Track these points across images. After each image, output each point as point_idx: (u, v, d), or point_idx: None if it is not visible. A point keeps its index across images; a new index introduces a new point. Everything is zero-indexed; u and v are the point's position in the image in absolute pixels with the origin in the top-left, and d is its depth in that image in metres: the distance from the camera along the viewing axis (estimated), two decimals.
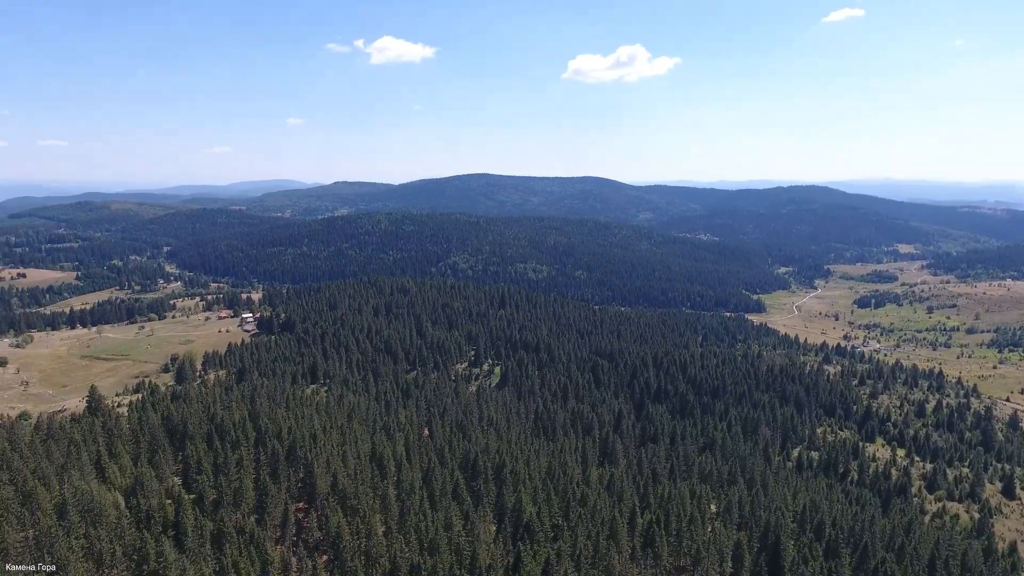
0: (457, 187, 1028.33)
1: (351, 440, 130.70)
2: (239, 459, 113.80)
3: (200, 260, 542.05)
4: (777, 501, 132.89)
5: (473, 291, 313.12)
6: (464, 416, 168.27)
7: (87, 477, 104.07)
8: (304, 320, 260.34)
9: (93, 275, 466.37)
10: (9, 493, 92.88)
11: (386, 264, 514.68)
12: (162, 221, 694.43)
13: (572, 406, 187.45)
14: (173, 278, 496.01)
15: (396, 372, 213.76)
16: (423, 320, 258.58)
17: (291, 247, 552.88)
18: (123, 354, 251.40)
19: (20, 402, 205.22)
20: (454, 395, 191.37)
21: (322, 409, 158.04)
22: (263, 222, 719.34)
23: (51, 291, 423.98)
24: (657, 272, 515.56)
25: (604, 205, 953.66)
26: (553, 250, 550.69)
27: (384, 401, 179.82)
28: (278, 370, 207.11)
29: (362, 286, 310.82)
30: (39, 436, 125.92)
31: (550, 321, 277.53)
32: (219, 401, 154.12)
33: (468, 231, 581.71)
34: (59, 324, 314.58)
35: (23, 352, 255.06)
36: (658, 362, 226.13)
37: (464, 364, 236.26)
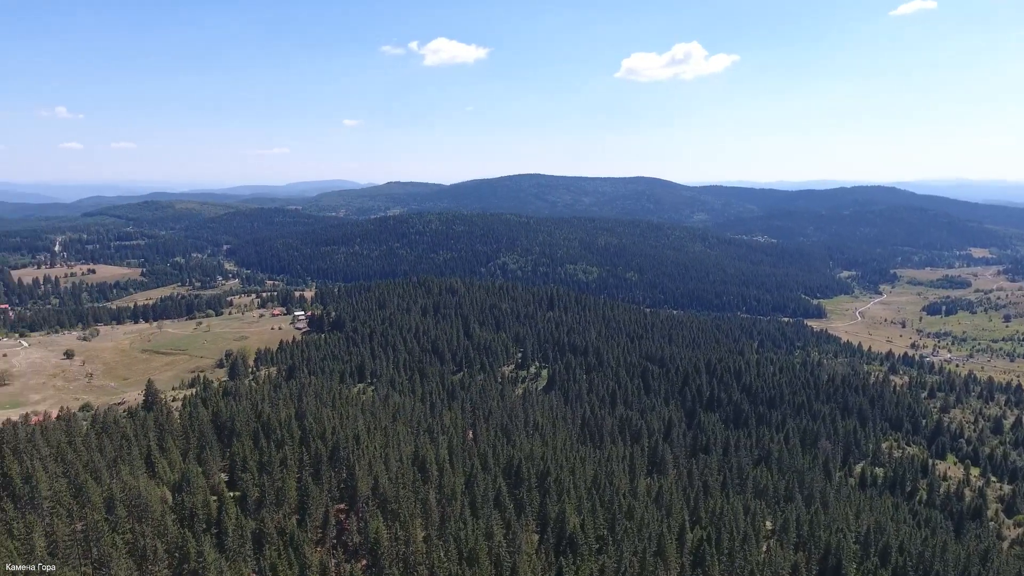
0: (508, 187, 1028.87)
1: (394, 442, 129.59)
2: (283, 458, 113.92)
3: (257, 258, 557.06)
4: (838, 521, 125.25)
5: (521, 292, 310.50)
6: (509, 420, 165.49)
7: (137, 472, 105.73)
8: (353, 319, 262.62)
9: (157, 272, 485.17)
10: (62, 486, 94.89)
11: (436, 264, 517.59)
12: (222, 220, 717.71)
13: (620, 412, 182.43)
14: (231, 275, 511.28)
15: (442, 373, 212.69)
16: (470, 321, 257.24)
17: (344, 246, 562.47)
18: (181, 349, 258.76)
19: (85, 393, 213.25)
20: (500, 398, 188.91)
21: (367, 409, 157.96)
22: (318, 221, 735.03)
23: (118, 286, 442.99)
24: (711, 275, 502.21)
25: (657, 206, 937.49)
26: (604, 251, 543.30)
27: (429, 402, 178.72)
28: (326, 368, 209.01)
29: (411, 286, 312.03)
30: (95, 429, 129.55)
31: (599, 324, 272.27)
32: (267, 399, 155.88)
33: (518, 231, 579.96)
34: (123, 318, 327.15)
35: (89, 345, 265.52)
36: (711, 368, 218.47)
37: (511, 366, 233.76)
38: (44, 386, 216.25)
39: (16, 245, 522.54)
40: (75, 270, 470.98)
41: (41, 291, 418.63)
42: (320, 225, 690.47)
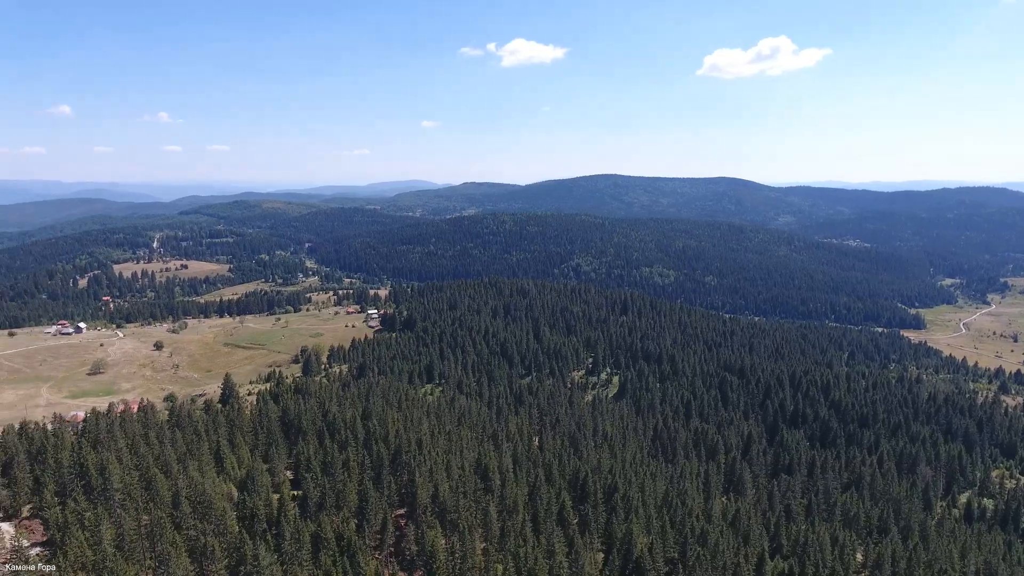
0: (584, 188, 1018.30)
1: (457, 448, 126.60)
2: (345, 460, 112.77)
3: (336, 256, 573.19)
4: (941, 559, 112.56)
5: (594, 295, 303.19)
6: (577, 429, 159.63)
7: (205, 468, 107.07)
8: (424, 319, 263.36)
9: (243, 268, 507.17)
10: (133, 479, 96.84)
11: (509, 264, 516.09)
12: (305, 219, 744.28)
13: (695, 425, 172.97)
14: (311, 272, 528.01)
15: (510, 376, 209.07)
16: (541, 324, 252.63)
17: (419, 245, 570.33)
18: (260, 344, 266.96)
19: (170, 384, 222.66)
20: (568, 405, 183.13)
21: (433, 412, 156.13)
22: (395, 221, 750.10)
23: (207, 281, 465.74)
24: (797, 280, 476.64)
25: (739, 207, 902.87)
26: (682, 254, 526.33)
27: (496, 407, 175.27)
28: (396, 368, 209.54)
29: (482, 286, 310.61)
30: (171, 423, 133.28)
31: (675, 330, 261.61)
32: (335, 398, 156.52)
33: (592, 232, 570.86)
34: (210, 312, 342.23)
35: (177, 337, 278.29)
36: (796, 381, 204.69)
37: (581, 372, 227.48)
38: (134, 375, 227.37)
39: (119, 241, 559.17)
40: (169, 265, 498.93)
41: (139, 284, 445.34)
42: (397, 225, 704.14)
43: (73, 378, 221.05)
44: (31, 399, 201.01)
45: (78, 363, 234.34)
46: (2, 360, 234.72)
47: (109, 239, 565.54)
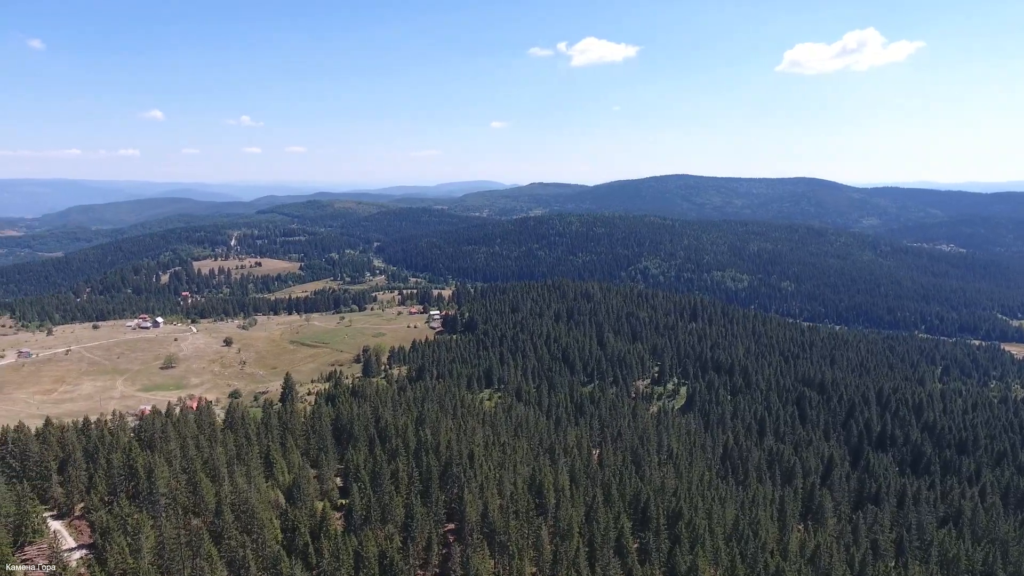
0: (653, 188, 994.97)
1: (511, 462, 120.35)
2: (394, 470, 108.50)
3: (403, 256, 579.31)
4: None
5: (662, 300, 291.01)
6: (640, 444, 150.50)
7: (253, 473, 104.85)
8: (486, 321, 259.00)
9: (313, 266, 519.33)
10: (180, 483, 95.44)
11: (575, 266, 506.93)
12: (375, 219, 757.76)
13: (770, 444, 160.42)
14: (379, 272, 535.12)
15: (571, 384, 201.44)
16: (605, 329, 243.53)
17: (484, 246, 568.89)
18: (323, 342, 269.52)
19: (236, 380, 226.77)
20: (631, 416, 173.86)
21: (488, 421, 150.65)
22: (461, 221, 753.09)
23: (279, 279, 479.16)
24: (883, 287, 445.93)
25: (819, 209, 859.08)
26: (756, 258, 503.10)
27: (555, 417, 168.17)
28: (454, 371, 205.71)
29: (546, 289, 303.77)
30: (227, 422, 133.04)
31: (748, 339, 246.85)
32: (390, 402, 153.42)
33: (661, 234, 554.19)
34: (279, 310, 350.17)
35: (246, 334, 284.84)
36: (883, 399, 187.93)
37: (646, 381, 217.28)
38: (203, 371, 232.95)
39: (200, 239, 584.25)
40: (245, 263, 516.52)
41: (216, 281, 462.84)
42: (463, 225, 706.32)
43: (147, 372, 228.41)
44: (107, 391, 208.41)
45: (152, 357, 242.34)
46: (84, 352, 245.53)
47: (191, 237, 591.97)
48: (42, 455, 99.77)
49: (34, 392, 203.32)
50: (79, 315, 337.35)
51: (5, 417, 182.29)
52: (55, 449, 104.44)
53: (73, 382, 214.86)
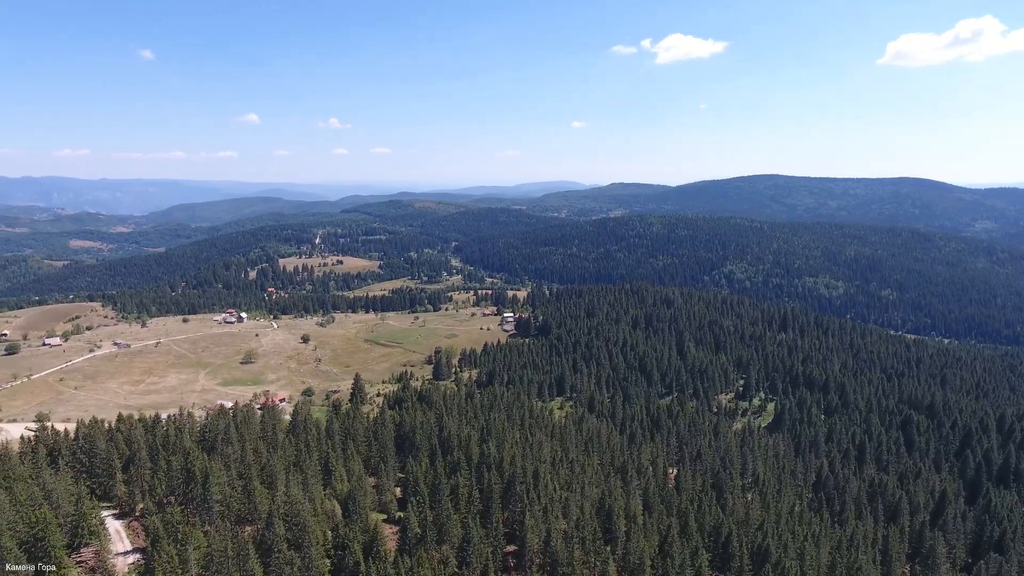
0: (740, 189, 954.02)
1: (579, 482, 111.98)
2: (454, 486, 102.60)
3: (480, 256, 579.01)
4: None
5: (748, 308, 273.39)
6: (722, 466, 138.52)
7: (311, 480, 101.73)
8: (559, 325, 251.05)
9: (392, 265, 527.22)
10: (237, 490, 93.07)
11: (655, 269, 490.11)
12: (453, 218, 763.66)
13: (870, 474, 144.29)
14: (455, 271, 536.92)
15: (648, 395, 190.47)
16: (685, 338, 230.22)
17: (561, 247, 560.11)
18: (397, 342, 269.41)
19: (311, 377, 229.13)
20: (712, 434, 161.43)
21: (557, 433, 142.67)
22: (539, 221, 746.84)
23: (359, 277, 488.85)
24: (1000, 298, 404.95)
25: (925, 211, 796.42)
26: (853, 263, 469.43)
27: (629, 431, 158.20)
28: (525, 377, 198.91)
29: (623, 293, 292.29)
30: (291, 424, 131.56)
31: (845, 352, 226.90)
32: (455, 409, 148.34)
33: (748, 237, 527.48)
34: (357, 308, 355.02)
35: (323, 331, 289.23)
36: (1006, 426, 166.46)
37: (729, 395, 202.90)
38: (280, 367, 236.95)
39: (287, 237, 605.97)
40: (327, 260, 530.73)
41: (299, 278, 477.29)
42: (541, 225, 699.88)
43: (227, 366, 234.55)
44: (189, 384, 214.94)
45: (233, 352, 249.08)
46: (172, 345, 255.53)
47: (279, 235, 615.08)
48: (108, 452, 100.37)
49: (124, 382, 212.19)
50: (173, 308, 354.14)
51: (96, 406, 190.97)
52: (121, 447, 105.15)
53: (160, 374, 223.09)
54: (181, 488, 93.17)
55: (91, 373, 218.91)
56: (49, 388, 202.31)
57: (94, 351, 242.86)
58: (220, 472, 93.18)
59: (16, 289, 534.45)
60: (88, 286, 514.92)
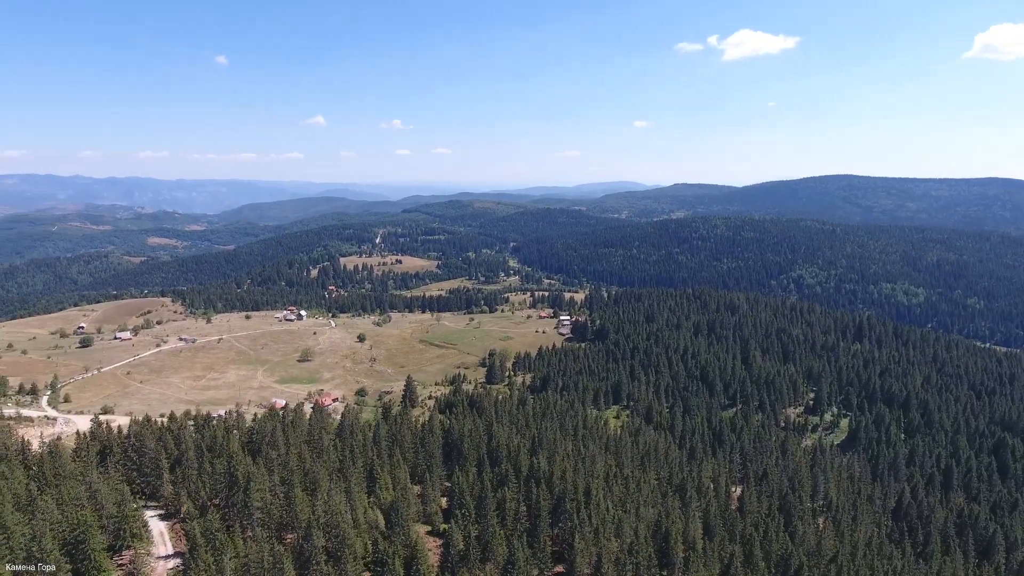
0: (811, 190, 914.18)
1: (633, 502, 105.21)
2: (500, 500, 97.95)
3: (538, 256, 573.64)
4: None
5: (819, 315, 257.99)
6: (790, 488, 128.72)
7: (355, 488, 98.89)
8: (617, 330, 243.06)
9: (450, 265, 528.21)
10: (279, 496, 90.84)
11: (718, 273, 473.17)
12: (512, 219, 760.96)
13: (959, 503, 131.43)
14: (513, 272, 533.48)
15: (710, 407, 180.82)
16: (751, 346, 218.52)
17: (621, 249, 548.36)
18: (451, 343, 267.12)
19: (365, 377, 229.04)
20: (780, 451, 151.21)
21: (612, 446, 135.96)
22: (599, 222, 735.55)
23: (417, 277, 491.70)
24: None
25: (1016, 214, 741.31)
26: (935, 269, 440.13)
27: (689, 446, 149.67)
28: (580, 384, 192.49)
29: (685, 298, 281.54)
30: (338, 428, 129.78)
31: (927, 366, 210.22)
32: (506, 417, 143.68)
33: (819, 240, 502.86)
34: (414, 307, 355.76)
35: (379, 330, 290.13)
36: None
37: (798, 409, 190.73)
38: (336, 366, 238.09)
39: (349, 236, 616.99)
40: (387, 259, 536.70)
41: (359, 276, 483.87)
42: (601, 226, 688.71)
43: (285, 363, 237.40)
44: (247, 380, 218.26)
45: (292, 349, 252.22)
46: (233, 341, 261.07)
47: (341, 234, 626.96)
48: (156, 452, 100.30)
49: (186, 377, 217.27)
50: (238, 304, 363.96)
51: (158, 400, 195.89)
52: (170, 447, 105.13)
53: (220, 370, 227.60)
54: (224, 492, 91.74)
55: (156, 367, 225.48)
56: (117, 381, 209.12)
57: (160, 346, 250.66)
58: (263, 477, 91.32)
59: (97, 284, 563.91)
60: (162, 282, 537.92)
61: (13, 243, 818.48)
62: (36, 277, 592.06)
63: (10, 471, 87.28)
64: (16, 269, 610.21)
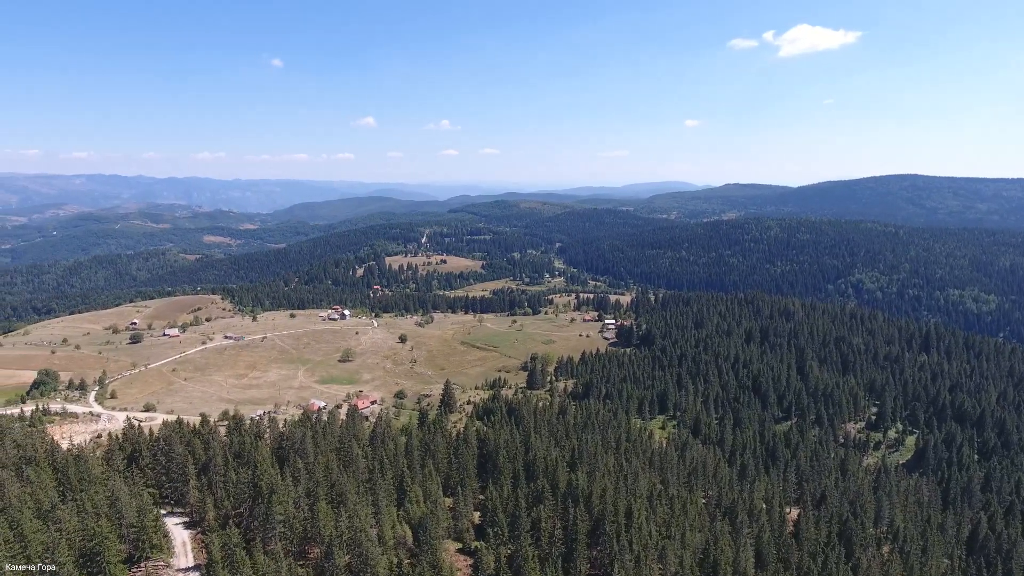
0: (871, 190, 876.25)
1: (679, 526, 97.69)
2: (536, 520, 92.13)
3: (584, 257, 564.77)
4: None
5: (882, 323, 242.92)
6: (851, 513, 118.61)
7: (384, 500, 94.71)
8: (664, 336, 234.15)
9: (494, 265, 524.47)
10: (303, 509, 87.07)
11: (771, 276, 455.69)
12: (558, 219, 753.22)
13: None
14: (558, 273, 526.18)
15: (763, 420, 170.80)
16: (807, 355, 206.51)
17: (669, 250, 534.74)
18: (493, 346, 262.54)
19: (405, 379, 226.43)
20: (839, 472, 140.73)
21: (657, 461, 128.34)
22: (647, 223, 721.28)
23: (461, 277, 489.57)
24: None
25: None
26: (1008, 274, 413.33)
27: (739, 463, 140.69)
28: (624, 392, 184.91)
29: (736, 303, 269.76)
30: (369, 435, 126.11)
31: (1003, 381, 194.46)
32: (545, 427, 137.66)
33: (881, 243, 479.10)
34: (456, 308, 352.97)
35: (421, 331, 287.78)
36: None
37: (859, 424, 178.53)
38: (376, 367, 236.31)
39: (395, 235, 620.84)
40: (432, 259, 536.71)
41: (403, 276, 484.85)
42: (649, 227, 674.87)
43: (326, 363, 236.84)
44: (288, 380, 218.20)
45: (333, 349, 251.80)
46: (277, 340, 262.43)
47: (388, 233, 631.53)
48: (184, 457, 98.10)
49: (229, 375, 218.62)
50: (284, 302, 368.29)
51: (200, 398, 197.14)
52: (198, 452, 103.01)
53: (263, 368, 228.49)
54: (248, 503, 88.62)
55: (201, 365, 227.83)
56: (162, 378, 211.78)
57: (206, 343, 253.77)
58: (288, 489, 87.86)
59: (154, 280, 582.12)
60: (215, 279, 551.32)
61: (79, 240, 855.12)
62: (98, 273, 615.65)
63: (36, 475, 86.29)
64: (80, 265, 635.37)
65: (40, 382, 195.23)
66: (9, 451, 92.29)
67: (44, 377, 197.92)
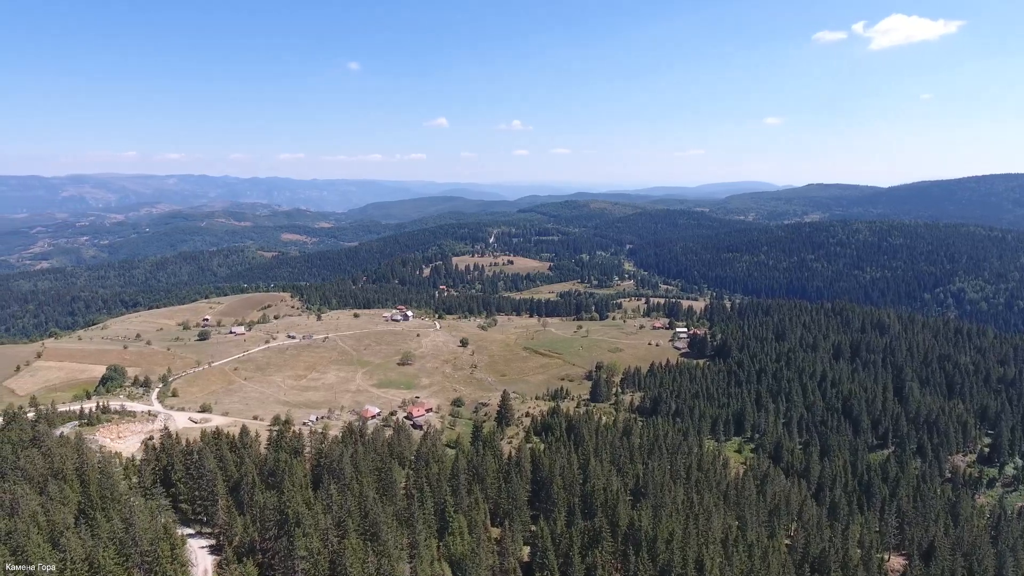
0: (972, 191, 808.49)
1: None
2: (591, 566, 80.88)
3: (655, 260, 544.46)
4: None
5: (992, 340, 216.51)
6: (965, 567, 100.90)
7: (423, 533, 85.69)
8: (741, 348, 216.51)
9: (562, 267, 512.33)
10: (330, 543, 78.65)
11: (860, 283, 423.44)
12: (629, 220, 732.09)
13: None
14: (628, 276, 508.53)
15: (855, 448, 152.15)
16: (905, 375, 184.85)
17: (747, 254, 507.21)
18: (557, 352, 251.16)
19: (463, 385, 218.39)
20: (948, 516, 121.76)
21: (732, 496, 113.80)
22: (723, 225, 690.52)
23: (528, 278, 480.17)
24: None
25: None
26: None
27: (829, 500, 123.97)
28: (697, 409, 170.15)
29: (822, 313, 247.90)
30: (414, 455, 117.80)
31: None
32: (607, 450, 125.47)
33: (985, 248, 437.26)
34: (521, 310, 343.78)
35: (483, 334, 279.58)
36: None
37: (969, 457, 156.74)
38: (435, 371, 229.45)
39: (463, 235, 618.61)
40: (498, 260, 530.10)
41: (469, 277, 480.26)
42: (724, 229, 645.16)
43: (385, 366, 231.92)
44: (346, 382, 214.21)
45: (393, 351, 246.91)
46: (338, 341, 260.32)
47: (456, 233, 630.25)
48: (213, 475, 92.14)
49: (288, 376, 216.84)
50: (351, 301, 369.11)
51: (257, 400, 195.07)
52: (230, 469, 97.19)
53: (322, 370, 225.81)
54: (274, 532, 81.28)
55: (262, 364, 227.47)
56: (223, 377, 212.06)
57: (269, 342, 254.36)
58: (316, 518, 79.79)
59: (233, 276, 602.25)
60: (288, 276, 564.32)
61: (168, 237, 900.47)
62: (183, 268, 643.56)
63: (59, 490, 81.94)
64: (167, 261, 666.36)
65: (108, 378, 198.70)
66: (38, 463, 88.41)
67: (112, 373, 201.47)
